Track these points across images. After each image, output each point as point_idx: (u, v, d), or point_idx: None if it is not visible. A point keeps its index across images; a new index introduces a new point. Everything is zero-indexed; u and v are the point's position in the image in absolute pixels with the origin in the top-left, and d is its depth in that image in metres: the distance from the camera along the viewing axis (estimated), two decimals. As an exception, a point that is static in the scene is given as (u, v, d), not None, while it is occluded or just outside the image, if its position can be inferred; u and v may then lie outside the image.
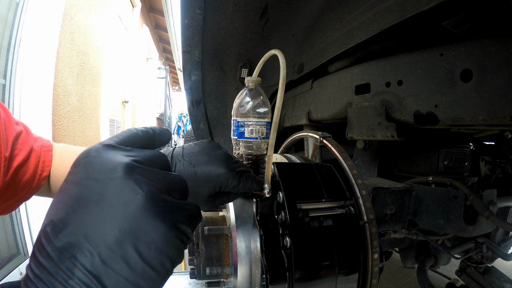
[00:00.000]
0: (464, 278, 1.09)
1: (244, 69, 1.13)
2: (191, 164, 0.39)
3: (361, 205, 0.45)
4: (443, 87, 0.56)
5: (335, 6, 0.80)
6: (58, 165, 0.50)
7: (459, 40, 0.54)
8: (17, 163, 0.45)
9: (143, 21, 4.77)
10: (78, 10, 2.15)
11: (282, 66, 0.39)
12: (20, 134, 0.47)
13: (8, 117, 0.46)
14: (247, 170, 0.42)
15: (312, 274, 0.39)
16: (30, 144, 0.48)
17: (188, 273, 0.60)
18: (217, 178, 0.38)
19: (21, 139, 0.47)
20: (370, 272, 0.42)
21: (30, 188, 0.48)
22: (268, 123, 0.45)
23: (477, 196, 0.71)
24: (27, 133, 0.49)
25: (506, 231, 0.99)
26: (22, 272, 1.56)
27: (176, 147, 0.43)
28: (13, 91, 1.60)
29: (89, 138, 2.44)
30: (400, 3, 0.55)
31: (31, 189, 0.48)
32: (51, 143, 0.53)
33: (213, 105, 1.26)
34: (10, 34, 1.58)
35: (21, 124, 0.49)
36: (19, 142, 0.46)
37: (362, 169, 0.98)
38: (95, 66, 2.56)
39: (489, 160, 1.07)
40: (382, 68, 0.68)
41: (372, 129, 0.70)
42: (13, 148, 0.45)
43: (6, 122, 0.45)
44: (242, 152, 0.46)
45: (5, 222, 1.58)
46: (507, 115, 0.47)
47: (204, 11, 0.92)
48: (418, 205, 0.75)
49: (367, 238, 0.43)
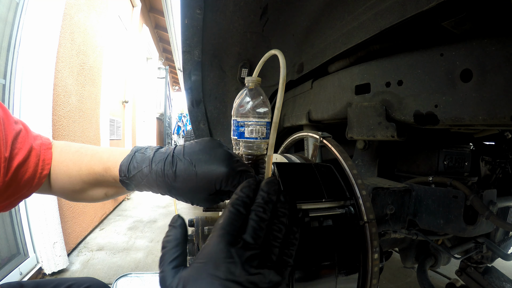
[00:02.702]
0: (464, 278, 1.09)
1: (244, 69, 1.13)
2: (191, 164, 0.39)
3: (361, 205, 0.45)
4: (443, 87, 0.56)
5: (335, 6, 0.80)
6: (58, 163, 0.50)
7: (459, 40, 0.53)
8: (17, 163, 0.45)
9: (143, 21, 4.77)
10: (78, 10, 2.15)
11: (282, 66, 0.39)
12: (20, 133, 0.47)
13: (7, 117, 0.46)
14: (247, 169, 0.41)
15: (312, 274, 0.39)
16: (30, 143, 0.48)
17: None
18: (218, 177, 0.38)
19: (20, 138, 0.47)
20: (370, 272, 0.42)
21: (31, 187, 0.48)
22: (268, 123, 0.45)
23: (477, 196, 0.71)
24: (26, 132, 0.49)
25: (506, 231, 0.99)
26: (22, 272, 1.56)
27: (178, 146, 0.43)
28: (13, 91, 1.60)
29: (89, 138, 2.43)
30: (400, 3, 0.55)
31: (31, 187, 0.48)
32: (50, 140, 0.53)
33: (213, 105, 1.26)
34: (10, 34, 1.58)
35: (20, 123, 0.49)
36: (18, 141, 0.46)
37: (362, 169, 0.98)
38: (95, 66, 2.56)
39: (489, 160, 1.07)
40: (382, 68, 0.68)
41: (372, 129, 0.70)
42: (12, 148, 0.45)
43: (5, 121, 0.45)
44: (242, 152, 0.46)
45: (5, 222, 1.58)
46: (507, 115, 0.47)
47: (204, 11, 0.92)
48: (418, 205, 0.75)
49: (367, 238, 0.43)
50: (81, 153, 0.50)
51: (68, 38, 2.00)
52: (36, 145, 0.49)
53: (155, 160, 0.41)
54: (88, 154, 0.49)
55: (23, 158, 0.46)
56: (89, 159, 0.48)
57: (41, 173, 0.48)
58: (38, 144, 0.49)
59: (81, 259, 1.96)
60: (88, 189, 0.51)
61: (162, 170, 0.40)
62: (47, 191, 0.52)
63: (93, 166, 0.47)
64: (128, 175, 0.43)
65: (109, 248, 2.15)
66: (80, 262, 1.91)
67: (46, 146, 0.50)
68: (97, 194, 0.51)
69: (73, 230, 2.07)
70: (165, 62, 7.83)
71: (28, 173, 0.46)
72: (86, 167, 0.48)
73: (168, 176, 0.40)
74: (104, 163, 0.46)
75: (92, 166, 0.47)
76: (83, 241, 2.26)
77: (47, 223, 1.71)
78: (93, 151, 0.50)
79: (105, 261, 1.94)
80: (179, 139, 10.30)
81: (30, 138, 0.49)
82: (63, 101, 1.95)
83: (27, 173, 0.46)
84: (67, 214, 1.98)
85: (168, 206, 3.38)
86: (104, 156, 0.47)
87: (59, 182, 0.50)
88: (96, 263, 1.92)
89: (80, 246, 2.16)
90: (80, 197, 0.52)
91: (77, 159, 0.49)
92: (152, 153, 0.42)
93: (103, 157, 0.47)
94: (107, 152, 0.48)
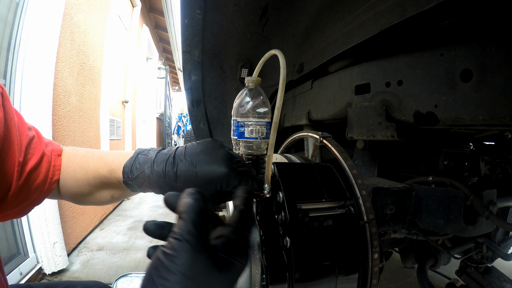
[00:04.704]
0: (464, 278, 1.09)
1: (244, 69, 1.13)
2: (192, 164, 0.39)
3: (361, 205, 0.45)
4: (443, 87, 0.56)
5: (335, 6, 0.80)
6: (66, 167, 0.51)
7: (459, 40, 0.53)
8: (29, 167, 0.46)
9: (143, 21, 4.77)
10: (78, 10, 2.15)
11: (282, 66, 0.39)
12: (33, 139, 0.48)
13: (22, 123, 0.48)
14: (248, 169, 0.42)
15: (312, 274, 0.39)
16: (42, 149, 0.49)
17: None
18: (218, 178, 0.39)
19: (33, 144, 0.48)
20: (370, 272, 0.42)
21: (42, 192, 0.49)
22: (268, 123, 0.45)
23: (477, 196, 0.71)
24: (39, 138, 0.50)
25: (506, 231, 0.99)
26: (22, 272, 1.56)
27: (179, 147, 0.43)
28: (13, 91, 1.60)
29: (89, 138, 2.43)
30: (400, 3, 0.55)
31: (42, 192, 0.49)
32: (61, 147, 0.54)
33: (213, 105, 1.26)
34: (10, 34, 1.58)
35: (33, 129, 0.50)
36: (31, 147, 0.48)
37: (362, 169, 0.98)
38: (95, 66, 2.56)
39: (489, 160, 1.07)
40: (382, 68, 0.68)
41: (372, 129, 0.70)
42: (26, 153, 0.46)
43: (20, 127, 0.46)
44: (242, 152, 0.46)
45: (5, 222, 1.57)
46: (507, 115, 0.47)
47: (204, 11, 0.92)
48: (418, 205, 0.75)
49: (367, 238, 0.43)
50: (88, 157, 0.51)
51: (68, 38, 2.00)
52: (47, 151, 0.50)
53: (156, 161, 0.41)
54: (94, 157, 0.50)
55: (36, 163, 0.47)
56: (95, 163, 0.49)
57: (51, 179, 0.49)
58: (50, 150, 0.51)
59: (81, 259, 1.96)
60: (95, 192, 0.52)
61: (163, 171, 0.40)
62: (56, 196, 0.54)
63: (98, 169, 0.48)
64: (131, 176, 0.43)
65: (109, 248, 2.15)
66: (80, 262, 1.91)
67: (56, 153, 0.52)
68: (104, 196, 0.52)
69: (73, 230, 2.07)
70: (165, 62, 7.83)
71: (40, 178, 0.48)
72: (92, 170, 0.49)
73: (169, 177, 0.40)
74: (109, 165, 0.47)
75: (98, 169, 0.48)
76: (83, 241, 2.26)
77: (47, 223, 1.71)
78: (98, 154, 0.51)
79: (105, 261, 1.94)
80: (179, 139, 10.31)
81: (42, 144, 0.50)
82: (63, 101, 1.95)
83: (39, 178, 0.47)
84: (67, 214, 1.98)
85: (168, 206, 3.37)
86: (109, 159, 0.48)
87: (67, 186, 0.51)
88: (96, 263, 1.92)
89: (80, 246, 2.16)
90: (88, 200, 0.53)
91: (83, 163, 0.50)
92: (154, 154, 0.43)
93: (108, 160, 0.48)
94: (112, 155, 0.49)
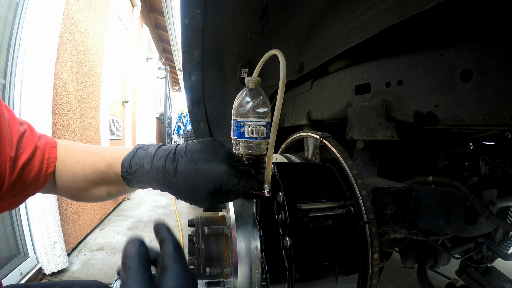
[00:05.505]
0: (464, 278, 1.09)
1: (244, 69, 1.13)
2: (192, 161, 0.39)
3: (361, 205, 0.45)
4: (443, 87, 0.56)
5: (335, 6, 0.80)
6: (63, 161, 0.51)
7: (459, 40, 0.53)
8: (22, 162, 0.45)
9: (143, 21, 4.77)
10: (78, 10, 2.15)
11: (282, 66, 0.39)
12: (24, 133, 0.48)
13: (12, 118, 0.47)
14: (248, 169, 0.42)
15: (312, 274, 0.39)
16: (34, 142, 0.49)
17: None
18: (218, 175, 0.39)
19: (25, 138, 0.48)
20: (370, 272, 0.42)
21: (37, 185, 0.49)
22: (268, 123, 0.45)
23: (477, 196, 0.71)
24: (31, 132, 0.50)
25: (506, 231, 0.99)
26: (22, 272, 1.56)
27: (180, 144, 0.43)
28: (13, 91, 1.59)
29: (89, 138, 2.43)
30: (400, 3, 0.55)
31: (37, 185, 0.49)
32: (55, 140, 0.53)
33: (213, 105, 1.26)
34: (10, 34, 1.58)
35: (25, 124, 0.50)
36: (23, 141, 0.47)
37: (362, 169, 0.98)
38: (95, 66, 2.56)
39: (489, 160, 1.07)
40: (382, 68, 0.68)
41: (372, 129, 0.70)
42: (18, 148, 0.45)
43: (10, 122, 0.46)
44: (242, 152, 0.46)
45: (5, 222, 1.57)
46: (507, 115, 0.47)
47: (204, 11, 0.92)
48: (418, 205, 0.75)
49: (367, 238, 0.43)
50: (85, 152, 0.51)
51: (68, 38, 2.00)
52: (40, 144, 0.49)
53: (156, 156, 0.42)
54: (92, 152, 0.50)
55: (28, 157, 0.46)
56: (93, 157, 0.49)
57: (46, 171, 0.49)
58: (43, 143, 0.50)
59: (81, 259, 1.96)
60: (91, 187, 0.51)
61: (163, 166, 0.40)
62: (52, 190, 0.53)
63: (96, 164, 0.48)
64: (129, 171, 0.43)
65: (109, 248, 2.15)
66: (80, 262, 1.91)
67: (51, 145, 0.51)
68: (100, 192, 0.52)
69: (73, 230, 2.07)
70: (165, 62, 7.83)
71: (34, 171, 0.47)
72: (89, 165, 0.49)
73: (168, 172, 0.40)
74: (107, 160, 0.47)
75: (96, 164, 0.48)
76: (83, 241, 2.26)
77: (47, 223, 1.71)
78: (96, 149, 0.50)
79: (105, 261, 1.94)
80: (179, 139, 10.30)
81: (34, 137, 0.49)
82: (63, 101, 1.95)
83: (32, 171, 0.47)
84: (67, 214, 1.98)
85: (168, 206, 3.38)
86: (107, 153, 0.48)
87: (63, 180, 0.51)
88: (96, 263, 1.92)
89: (80, 246, 2.16)
90: (84, 196, 0.53)
91: (81, 157, 0.50)
92: (154, 149, 0.43)
93: (106, 155, 0.48)
94: (111, 150, 0.49)
